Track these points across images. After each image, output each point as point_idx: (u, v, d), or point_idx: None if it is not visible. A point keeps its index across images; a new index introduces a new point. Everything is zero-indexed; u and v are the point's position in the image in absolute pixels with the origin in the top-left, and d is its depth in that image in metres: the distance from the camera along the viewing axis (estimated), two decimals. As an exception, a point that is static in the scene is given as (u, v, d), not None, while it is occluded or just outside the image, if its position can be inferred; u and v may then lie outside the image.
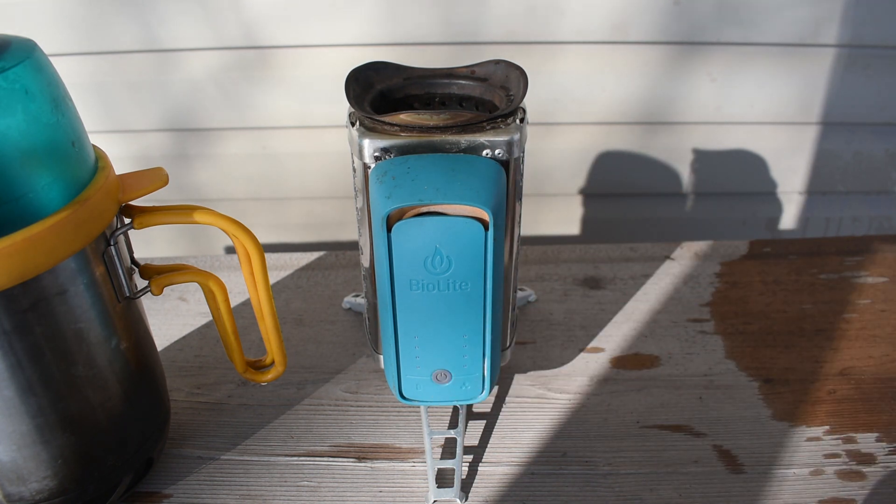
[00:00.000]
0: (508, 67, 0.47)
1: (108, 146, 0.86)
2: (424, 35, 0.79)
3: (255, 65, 0.82)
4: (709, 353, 0.59)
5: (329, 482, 0.48)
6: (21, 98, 0.33)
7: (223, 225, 0.42)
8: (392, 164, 0.40)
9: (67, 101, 0.37)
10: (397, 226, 0.39)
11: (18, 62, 0.34)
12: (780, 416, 0.53)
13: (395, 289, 0.42)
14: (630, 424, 0.53)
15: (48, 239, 0.35)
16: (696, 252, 0.74)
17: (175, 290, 0.68)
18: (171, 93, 0.84)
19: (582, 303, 0.66)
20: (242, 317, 0.64)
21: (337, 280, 0.70)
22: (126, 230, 0.41)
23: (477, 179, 0.40)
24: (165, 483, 0.48)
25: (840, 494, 0.47)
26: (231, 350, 0.48)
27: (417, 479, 0.49)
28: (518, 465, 0.50)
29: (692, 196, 0.94)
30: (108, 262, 0.40)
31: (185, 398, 0.56)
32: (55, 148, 0.36)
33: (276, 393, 0.56)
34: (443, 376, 0.46)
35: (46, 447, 0.39)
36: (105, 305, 0.40)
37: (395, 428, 0.53)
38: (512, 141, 0.41)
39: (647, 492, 0.47)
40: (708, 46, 0.81)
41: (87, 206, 0.37)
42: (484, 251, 0.40)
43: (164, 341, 0.62)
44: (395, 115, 0.42)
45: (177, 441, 0.52)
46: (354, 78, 0.46)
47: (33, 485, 0.40)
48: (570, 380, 0.57)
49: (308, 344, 0.62)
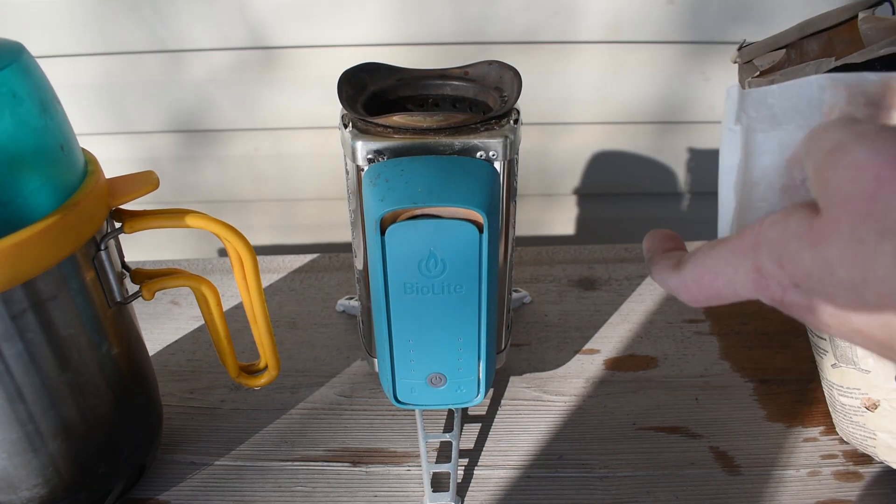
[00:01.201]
0: (502, 68, 0.46)
1: (116, 148, 0.87)
2: (427, 35, 0.79)
3: (263, 65, 0.81)
4: (704, 354, 0.59)
5: (324, 487, 0.48)
6: (8, 102, 0.33)
7: (215, 228, 0.42)
8: (385, 166, 0.40)
9: (56, 104, 0.37)
10: (391, 229, 0.39)
11: (5, 66, 0.33)
12: (776, 417, 0.53)
13: (390, 292, 0.42)
14: (626, 426, 0.52)
15: (37, 244, 0.34)
16: (690, 252, 0.73)
17: (167, 294, 0.68)
18: (179, 93, 0.83)
19: (577, 304, 0.66)
20: (235, 320, 0.63)
21: (330, 283, 0.70)
22: (116, 234, 0.41)
23: (471, 181, 0.39)
24: (158, 489, 0.48)
25: (837, 495, 0.46)
26: (224, 354, 0.47)
27: (413, 483, 0.48)
28: (514, 469, 0.49)
29: (688, 196, 0.94)
30: (98, 267, 0.39)
31: (177, 403, 0.55)
32: (43, 152, 0.35)
33: (269, 397, 0.56)
34: (438, 380, 0.46)
35: (37, 455, 0.39)
36: (95, 311, 0.39)
37: (390, 432, 0.52)
38: (506, 142, 0.41)
39: (643, 494, 0.47)
40: (702, 46, 0.81)
41: (76, 211, 0.36)
42: (478, 254, 0.40)
43: (156, 346, 0.61)
44: (389, 117, 0.42)
45: (169, 447, 0.51)
46: (347, 79, 0.45)
47: (24, 493, 0.40)
48: (565, 382, 0.57)
49: (302, 347, 0.61)
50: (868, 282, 0.20)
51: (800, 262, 0.22)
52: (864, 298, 0.21)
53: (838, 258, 0.21)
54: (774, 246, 0.23)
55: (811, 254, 0.21)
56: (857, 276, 0.20)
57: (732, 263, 0.24)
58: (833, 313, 0.22)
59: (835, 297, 0.21)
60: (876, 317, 0.21)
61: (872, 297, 0.20)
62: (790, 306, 0.23)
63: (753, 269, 0.24)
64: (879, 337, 0.21)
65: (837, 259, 0.21)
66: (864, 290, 0.20)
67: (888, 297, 0.20)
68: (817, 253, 0.21)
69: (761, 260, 0.23)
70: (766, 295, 0.24)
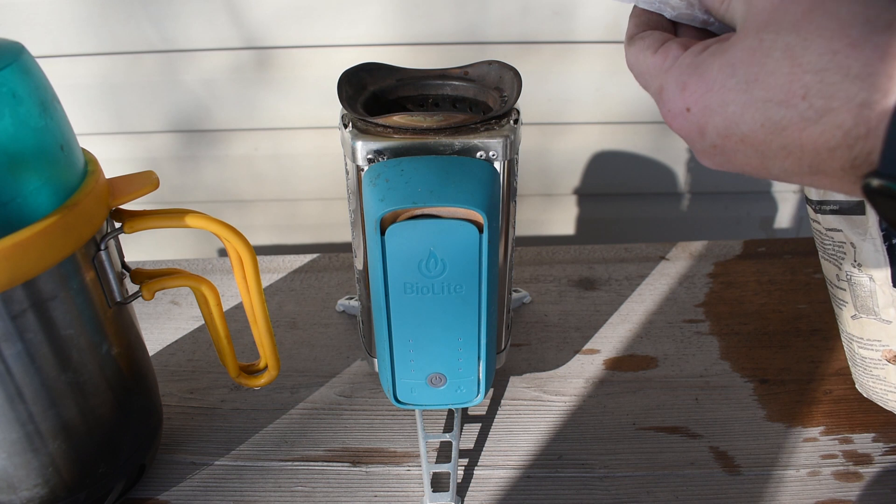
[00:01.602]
0: (502, 68, 0.46)
1: (116, 148, 0.87)
2: (427, 35, 0.79)
3: (263, 65, 0.81)
4: (704, 354, 0.59)
5: (323, 487, 0.48)
6: (8, 101, 0.33)
7: (214, 228, 0.42)
8: (385, 166, 0.40)
9: (56, 104, 0.37)
10: (391, 229, 0.39)
11: (5, 66, 0.33)
12: (776, 417, 0.53)
13: (390, 292, 0.42)
14: (626, 426, 0.52)
15: (37, 244, 0.34)
16: (690, 252, 0.73)
17: (167, 294, 0.68)
18: (179, 94, 0.83)
19: (577, 304, 0.66)
20: (235, 320, 0.63)
21: (330, 283, 0.70)
22: (116, 234, 0.41)
23: (471, 181, 0.39)
24: (158, 489, 0.48)
25: (837, 495, 0.46)
26: (224, 354, 0.47)
27: (413, 483, 0.48)
28: (514, 469, 0.49)
29: (687, 196, 0.94)
30: (98, 267, 0.39)
31: (177, 403, 0.55)
32: (43, 152, 0.35)
33: (269, 397, 0.56)
34: (438, 380, 0.46)
35: (37, 455, 0.39)
36: (95, 311, 0.39)
37: (390, 432, 0.52)
38: (506, 142, 0.41)
39: (643, 494, 0.47)
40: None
41: (76, 211, 0.36)
42: (478, 254, 0.40)
43: (156, 346, 0.61)
44: (388, 117, 0.42)
45: (169, 447, 0.51)
46: (347, 79, 0.45)
47: (24, 493, 0.40)
48: (565, 382, 0.57)
49: (301, 347, 0.61)
50: (758, 77, 0.23)
51: (702, 78, 0.25)
52: (752, 96, 0.23)
53: (740, 59, 0.24)
54: (683, 70, 0.26)
55: (719, 61, 0.24)
56: (750, 74, 0.23)
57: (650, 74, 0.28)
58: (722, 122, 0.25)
59: (727, 104, 0.24)
60: (759, 114, 0.23)
61: (760, 92, 0.23)
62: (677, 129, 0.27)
63: (658, 88, 0.28)
64: (760, 137, 0.24)
65: (739, 60, 0.24)
66: (755, 86, 0.23)
67: (772, 87, 0.23)
68: (724, 59, 0.24)
69: (667, 82, 0.27)
70: (662, 113, 0.28)
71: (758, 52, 0.23)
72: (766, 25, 0.23)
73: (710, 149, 0.26)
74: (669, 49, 0.27)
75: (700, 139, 0.26)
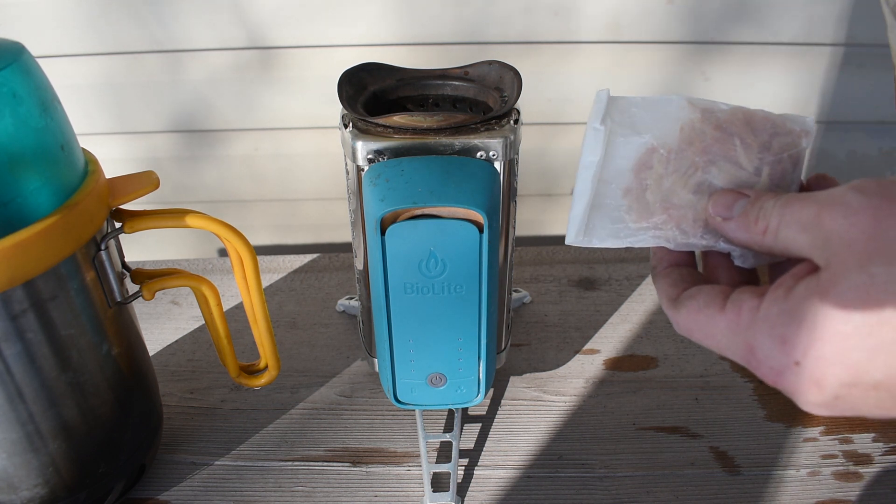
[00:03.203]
0: (502, 68, 0.46)
1: (116, 148, 0.87)
2: (427, 35, 0.79)
3: (263, 65, 0.81)
4: (704, 354, 0.59)
5: (324, 487, 0.48)
6: (9, 101, 0.33)
7: (215, 228, 0.42)
8: (386, 166, 0.40)
9: (56, 104, 0.37)
10: (391, 229, 0.39)
11: (6, 66, 0.33)
12: (776, 417, 0.53)
13: (390, 292, 0.42)
14: (626, 426, 0.52)
15: (37, 244, 0.34)
16: (690, 252, 0.73)
17: (167, 294, 0.68)
18: (179, 94, 0.83)
19: (577, 304, 0.66)
20: (235, 320, 0.63)
21: (330, 283, 0.70)
22: (116, 234, 0.41)
23: (471, 181, 0.39)
24: (158, 489, 0.48)
25: (837, 495, 0.46)
26: (224, 354, 0.47)
27: (413, 483, 0.48)
28: (514, 469, 0.49)
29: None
30: (98, 267, 0.39)
31: (177, 403, 0.55)
32: (44, 152, 0.35)
33: (269, 397, 0.56)
34: (438, 380, 0.46)
35: (37, 455, 0.39)
36: (96, 311, 0.39)
37: (390, 432, 0.52)
38: (506, 142, 0.41)
39: (643, 494, 0.47)
40: (702, 46, 0.81)
41: (76, 211, 0.36)
42: (479, 254, 0.40)
43: (156, 346, 0.61)
44: (389, 117, 0.42)
45: (170, 447, 0.51)
46: (347, 79, 0.45)
47: (24, 493, 0.40)
48: (565, 382, 0.57)
49: (302, 347, 0.61)
50: (884, 318, 0.20)
51: (808, 326, 0.22)
52: (881, 339, 0.21)
53: (851, 300, 0.21)
54: (775, 322, 0.23)
55: (823, 306, 0.21)
56: (872, 316, 0.20)
57: (726, 335, 0.25)
58: (844, 372, 0.22)
59: (848, 351, 0.21)
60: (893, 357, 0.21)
61: (891, 334, 0.20)
62: (783, 387, 0.24)
63: (746, 347, 0.24)
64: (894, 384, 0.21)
65: (850, 301, 0.21)
66: (883, 329, 0.20)
67: None
68: (829, 302, 0.21)
69: (757, 339, 0.24)
70: (757, 373, 0.25)
71: (873, 290, 0.20)
72: (869, 258, 0.21)
73: (833, 400, 0.23)
74: (742, 301, 0.24)
75: (818, 392, 0.23)
